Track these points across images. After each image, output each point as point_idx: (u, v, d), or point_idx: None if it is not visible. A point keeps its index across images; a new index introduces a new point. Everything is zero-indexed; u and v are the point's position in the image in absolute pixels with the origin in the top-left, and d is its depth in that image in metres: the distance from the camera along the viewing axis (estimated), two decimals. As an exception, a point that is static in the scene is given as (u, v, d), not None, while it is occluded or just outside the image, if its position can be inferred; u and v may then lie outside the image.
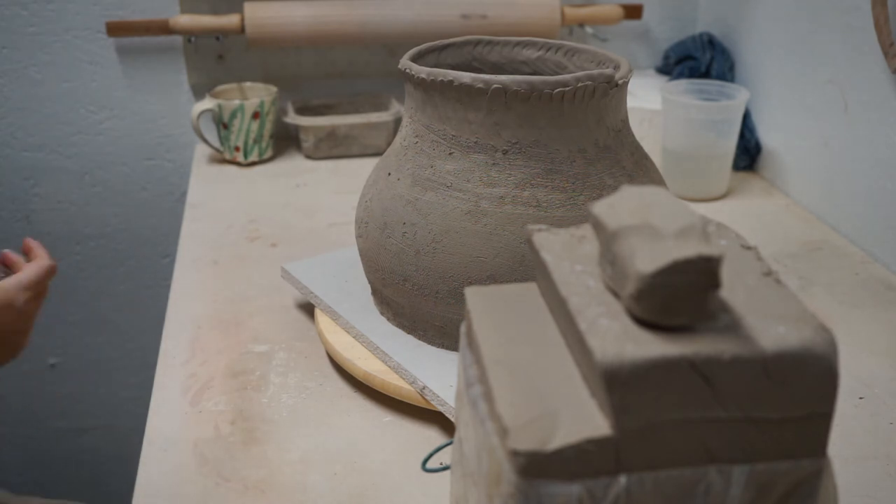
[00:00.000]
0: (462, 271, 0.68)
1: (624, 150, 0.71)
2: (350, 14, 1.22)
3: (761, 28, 1.20)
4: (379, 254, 0.73)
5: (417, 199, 0.70)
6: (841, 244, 1.03)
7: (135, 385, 1.43)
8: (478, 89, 0.66)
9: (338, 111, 1.32)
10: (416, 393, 0.69)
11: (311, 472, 0.66)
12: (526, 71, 0.80)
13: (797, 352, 0.36)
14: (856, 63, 1.00)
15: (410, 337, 0.74)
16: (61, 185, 1.32)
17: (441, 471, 0.66)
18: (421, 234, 0.69)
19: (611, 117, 0.69)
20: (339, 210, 1.10)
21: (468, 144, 0.68)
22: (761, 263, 0.43)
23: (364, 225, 0.75)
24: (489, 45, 0.80)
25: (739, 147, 1.19)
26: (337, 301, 0.79)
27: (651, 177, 0.73)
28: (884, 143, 0.97)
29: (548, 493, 0.36)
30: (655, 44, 1.40)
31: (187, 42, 1.27)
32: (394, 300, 0.74)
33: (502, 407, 0.37)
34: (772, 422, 0.37)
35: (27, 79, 1.26)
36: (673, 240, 0.36)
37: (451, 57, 0.79)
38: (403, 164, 0.72)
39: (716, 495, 0.38)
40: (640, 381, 0.35)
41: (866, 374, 0.78)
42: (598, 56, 0.75)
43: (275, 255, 0.99)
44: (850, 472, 0.66)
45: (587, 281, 0.41)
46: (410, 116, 0.73)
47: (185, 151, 1.34)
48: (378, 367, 0.73)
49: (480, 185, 0.68)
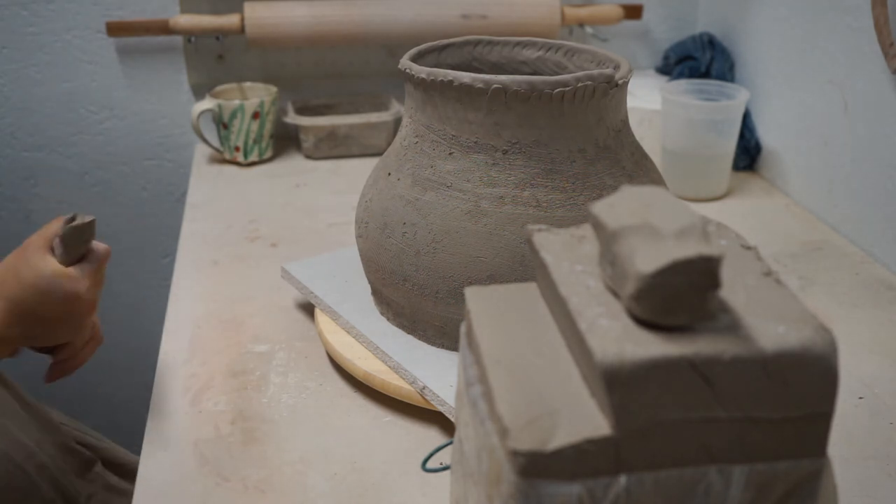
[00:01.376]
0: (462, 271, 0.68)
1: (624, 150, 0.71)
2: (350, 14, 1.22)
3: (761, 28, 1.20)
4: (379, 254, 0.73)
5: (417, 199, 0.70)
6: (841, 244, 1.03)
7: (135, 385, 1.43)
8: (478, 89, 0.66)
9: (338, 111, 1.32)
10: (416, 393, 0.69)
11: (311, 472, 0.66)
12: (526, 71, 0.80)
13: (797, 352, 0.36)
14: (856, 63, 1.00)
15: (410, 337, 0.74)
16: (61, 185, 1.32)
17: (441, 471, 0.66)
18: (421, 234, 0.69)
19: (611, 117, 0.69)
20: (339, 210, 1.10)
21: (468, 144, 0.68)
22: (761, 263, 0.43)
23: (364, 225, 0.75)
24: (489, 45, 0.80)
25: (739, 147, 1.19)
26: (337, 301, 0.79)
27: (651, 177, 0.73)
28: (884, 143, 0.97)
29: (548, 493, 0.36)
30: (655, 44, 1.40)
31: (187, 42, 1.27)
32: (394, 300, 0.74)
33: (502, 407, 0.37)
34: (772, 422, 0.37)
35: (27, 79, 1.26)
36: (673, 240, 0.36)
37: (451, 57, 0.79)
38: (403, 164, 0.72)
39: (716, 495, 0.38)
40: (640, 381, 0.35)
41: (866, 374, 0.78)
42: (598, 56, 0.75)
43: (275, 255, 0.99)
44: (850, 472, 0.66)
45: (587, 281, 0.41)
46: (410, 116, 0.73)
47: (185, 151, 1.34)
48: (378, 366, 0.73)
49: (480, 185, 0.68)
